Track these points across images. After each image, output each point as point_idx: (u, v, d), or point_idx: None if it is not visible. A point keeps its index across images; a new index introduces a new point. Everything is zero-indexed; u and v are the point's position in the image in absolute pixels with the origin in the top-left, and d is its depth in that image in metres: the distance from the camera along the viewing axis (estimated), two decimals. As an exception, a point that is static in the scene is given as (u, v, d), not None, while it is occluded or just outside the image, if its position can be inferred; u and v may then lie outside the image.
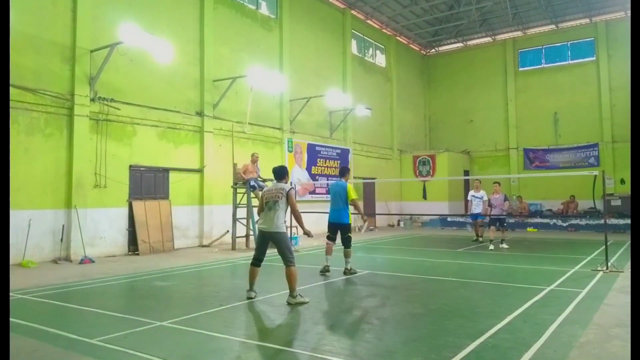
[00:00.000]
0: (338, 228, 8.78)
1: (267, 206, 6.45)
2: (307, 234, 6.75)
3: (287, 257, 6.29)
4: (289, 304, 6.16)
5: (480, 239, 14.33)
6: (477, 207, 13.90)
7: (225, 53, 15.18)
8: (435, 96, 27.67)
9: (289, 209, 6.54)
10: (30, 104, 10.45)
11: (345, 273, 8.49)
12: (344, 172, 9.36)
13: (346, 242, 8.69)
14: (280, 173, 6.76)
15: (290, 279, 6.23)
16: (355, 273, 8.54)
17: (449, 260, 10.81)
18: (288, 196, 6.39)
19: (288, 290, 6.25)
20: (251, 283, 6.58)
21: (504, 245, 12.83)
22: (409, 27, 24.72)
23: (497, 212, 12.87)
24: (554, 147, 23.48)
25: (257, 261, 6.59)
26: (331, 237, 8.84)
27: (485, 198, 13.78)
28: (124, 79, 12.27)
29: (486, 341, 4.50)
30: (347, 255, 8.63)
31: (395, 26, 24.22)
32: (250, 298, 6.46)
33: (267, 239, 6.46)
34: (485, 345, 4.39)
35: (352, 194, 8.84)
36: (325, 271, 8.55)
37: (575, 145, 22.87)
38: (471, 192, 14.19)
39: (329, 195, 9.66)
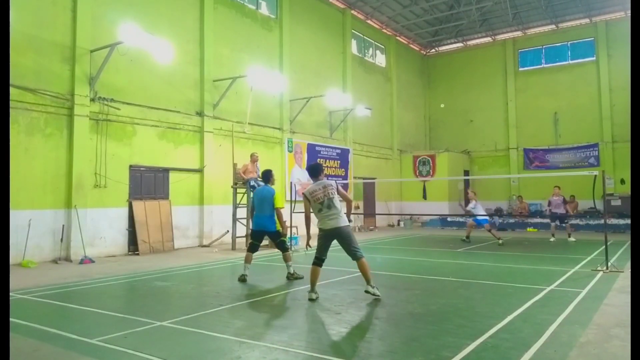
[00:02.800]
0: (265, 235, 8.21)
1: (324, 205, 6.38)
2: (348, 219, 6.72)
3: (356, 250, 6.36)
4: (366, 292, 6.31)
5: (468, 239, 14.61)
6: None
7: (225, 53, 15.18)
8: (435, 96, 27.66)
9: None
10: (30, 104, 10.45)
11: (288, 278, 7.94)
12: (268, 176, 8.33)
13: (282, 246, 8.10)
14: (317, 170, 6.72)
15: (365, 270, 6.31)
16: (301, 277, 7.88)
17: (449, 260, 10.80)
18: (338, 189, 6.49)
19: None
20: (313, 284, 6.44)
21: (572, 239, 14.46)
22: (409, 27, 24.73)
23: (557, 211, 14.71)
24: (554, 147, 23.48)
25: (320, 261, 6.46)
26: (255, 245, 8.14)
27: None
28: (124, 79, 12.27)
29: (486, 341, 4.49)
30: (287, 259, 8.05)
31: (395, 26, 24.22)
32: (312, 300, 6.29)
33: (333, 237, 6.43)
34: (485, 345, 4.39)
35: (279, 202, 8.09)
36: (242, 280, 7.79)
37: (575, 145, 22.87)
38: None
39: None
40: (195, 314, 5.71)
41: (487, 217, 15.14)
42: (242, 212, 13.25)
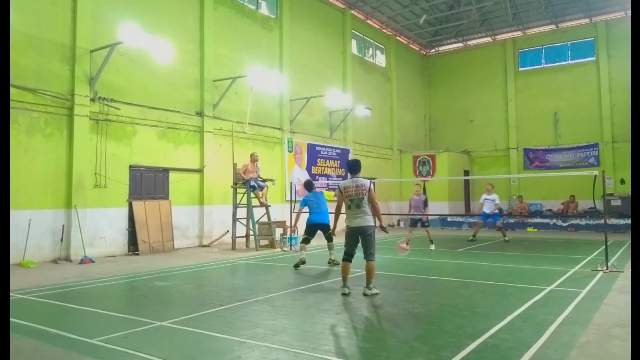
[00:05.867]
0: (321, 228, 9.80)
1: (354, 203, 6.64)
2: (384, 229, 7.02)
3: (371, 252, 6.59)
4: (365, 294, 6.55)
5: (474, 239, 14.69)
6: (487, 209, 14.54)
7: (225, 53, 15.18)
8: (435, 96, 27.67)
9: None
10: (30, 104, 10.45)
11: (329, 263, 9.60)
12: (310, 185, 10.49)
13: (331, 238, 9.70)
14: (356, 166, 6.93)
15: (371, 272, 6.57)
16: (338, 264, 8.83)
17: (449, 260, 10.81)
18: (370, 192, 6.68)
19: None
20: (345, 279, 6.74)
21: (432, 247, 12.68)
22: (409, 27, 24.72)
23: (417, 213, 12.73)
24: (554, 147, 23.47)
25: (349, 256, 6.75)
26: (309, 239, 9.75)
27: (498, 201, 14.47)
28: (124, 79, 12.27)
29: (486, 341, 4.50)
30: (331, 248, 9.73)
31: (395, 26, 24.22)
32: (345, 294, 6.61)
33: (358, 235, 6.66)
34: (485, 345, 4.39)
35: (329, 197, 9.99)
36: (301, 263, 9.33)
37: (575, 145, 22.87)
38: (483, 195, 14.84)
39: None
40: (195, 314, 5.71)
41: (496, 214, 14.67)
42: (242, 212, 13.26)
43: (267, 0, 17.29)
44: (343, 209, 6.91)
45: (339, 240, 8.87)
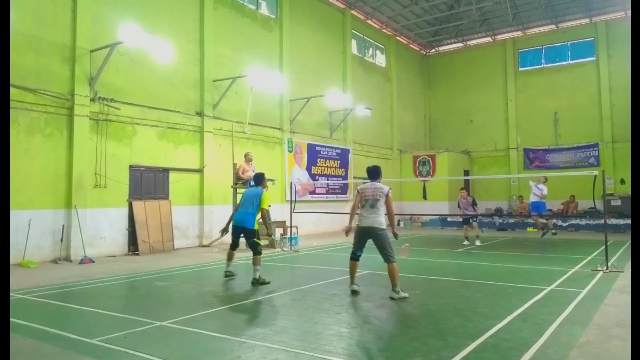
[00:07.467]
0: (242, 232, 8.20)
1: (368, 204, 6.78)
2: (395, 235, 7.00)
3: (388, 254, 6.62)
4: (392, 298, 6.42)
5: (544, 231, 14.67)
6: (532, 197, 14.38)
7: (225, 53, 15.18)
8: (435, 96, 27.68)
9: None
10: (30, 104, 10.45)
11: (253, 283, 7.58)
12: (260, 179, 8.56)
13: (253, 248, 7.94)
14: (376, 173, 7.10)
15: (393, 275, 6.55)
16: (268, 283, 7.61)
17: (449, 260, 10.81)
18: (387, 197, 6.76)
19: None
20: (352, 277, 6.88)
21: (477, 242, 13.70)
22: (409, 27, 24.73)
23: (468, 212, 14.12)
24: (554, 147, 23.47)
25: (355, 255, 6.90)
26: (233, 244, 8.51)
27: (545, 192, 14.23)
28: (124, 79, 12.27)
29: (486, 341, 4.50)
30: (256, 263, 7.78)
31: (395, 26, 24.23)
32: (355, 292, 6.76)
33: (368, 235, 6.76)
34: (485, 345, 4.39)
35: (265, 203, 8.08)
36: (229, 276, 8.12)
37: (575, 145, 22.87)
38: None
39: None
40: (195, 314, 5.71)
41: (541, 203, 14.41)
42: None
43: (267, 0, 17.29)
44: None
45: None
